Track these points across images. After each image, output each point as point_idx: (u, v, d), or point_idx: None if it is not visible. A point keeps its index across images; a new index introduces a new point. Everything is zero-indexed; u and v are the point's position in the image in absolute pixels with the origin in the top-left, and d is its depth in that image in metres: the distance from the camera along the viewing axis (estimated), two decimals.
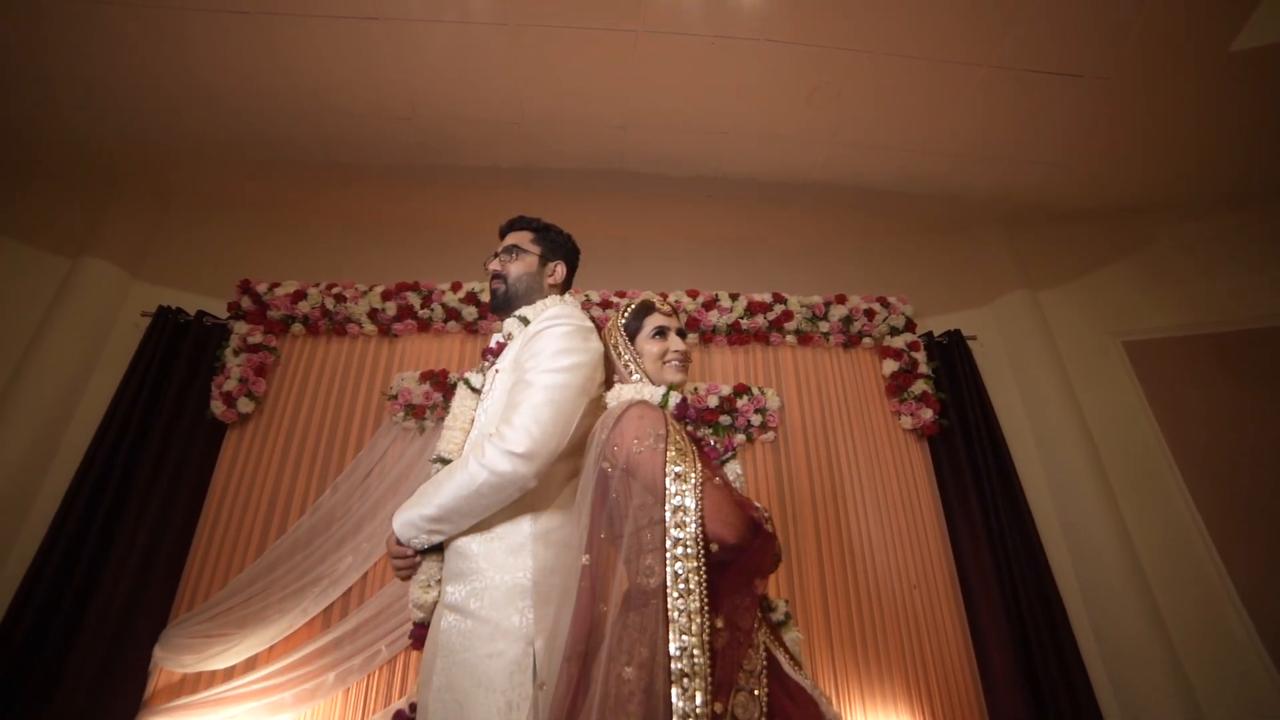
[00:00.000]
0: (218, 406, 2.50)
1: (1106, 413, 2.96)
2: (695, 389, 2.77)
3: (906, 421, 2.82)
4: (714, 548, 0.99)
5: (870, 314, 2.99)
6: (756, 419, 2.74)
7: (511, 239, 1.51)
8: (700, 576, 0.95)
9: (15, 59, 2.34)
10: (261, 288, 2.71)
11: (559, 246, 1.53)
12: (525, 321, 1.36)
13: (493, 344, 1.43)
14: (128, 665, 2.20)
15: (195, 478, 2.46)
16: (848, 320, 2.99)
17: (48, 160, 2.86)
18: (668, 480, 1.03)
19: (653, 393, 1.23)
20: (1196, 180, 3.17)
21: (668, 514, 1.00)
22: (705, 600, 0.94)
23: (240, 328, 2.63)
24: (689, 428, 1.22)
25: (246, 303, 2.69)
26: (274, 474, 2.47)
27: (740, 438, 2.73)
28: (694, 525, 0.98)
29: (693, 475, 1.03)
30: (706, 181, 3.22)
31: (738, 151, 3.00)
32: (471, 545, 1.17)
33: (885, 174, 3.10)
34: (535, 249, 1.49)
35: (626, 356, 1.33)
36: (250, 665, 2.19)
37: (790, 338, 2.99)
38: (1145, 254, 3.32)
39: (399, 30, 2.30)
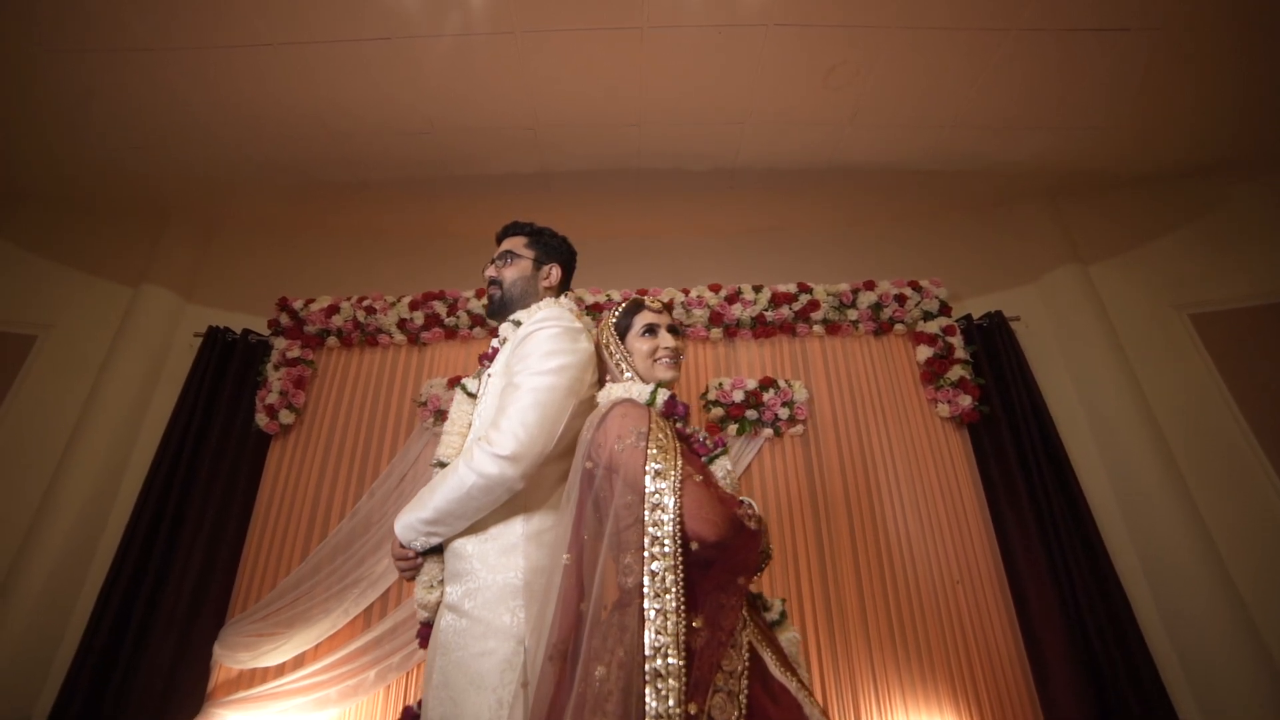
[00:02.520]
0: (261, 419, 2.65)
1: (1172, 392, 2.75)
2: (720, 384, 2.73)
3: (943, 409, 2.70)
4: (694, 546, 0.97)
5: (901, 299, 2.87)
6: (784, 412, 2.68)
7: (506, 245, 1.54)
8: (677, 575, 0.93)
9: (77, 110, 2.55)
10: (298, 304, 2.86)
11: (553, 249, 1.54)
12: (519, 325, 1.38)
13: (490, 349, 1.46)
14: (194, 661, 2.37)
15: (246, 487, 2.63)
16: (877, 307, 2.88)
17: (108, 198, 3.11)
18: (647, 478, 1.02)
19: (640, 391, 1.22)
20: (1270, 133, 2.88)
21: (646, 512, 0.99)
22: (682, 600, 0.92)
23: (280, 343, 2.79)
24: (678, 424, 1.20)
25: (285, 319, 2.85)
26: (315, 481, 2.61)
27: (768, 432, 2.68)
28: (671, 523, 0.97)
29: (672, 473, 1.01)
30: (726, 173, 3.17)
31: (756, 141, 2.94)
32: (467, 546, 1.20)
33: (913, 152, 2.97)
34: (529, 253, 1.51)
35: (618, 355, 1.33)
36: (299, 663, 2.32)
37: (817, 328, 2.91)
38: (1212, 218, 3.06)
39: (410, 48, 2.37)
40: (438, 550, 1.26)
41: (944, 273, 3.07)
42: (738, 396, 2.69)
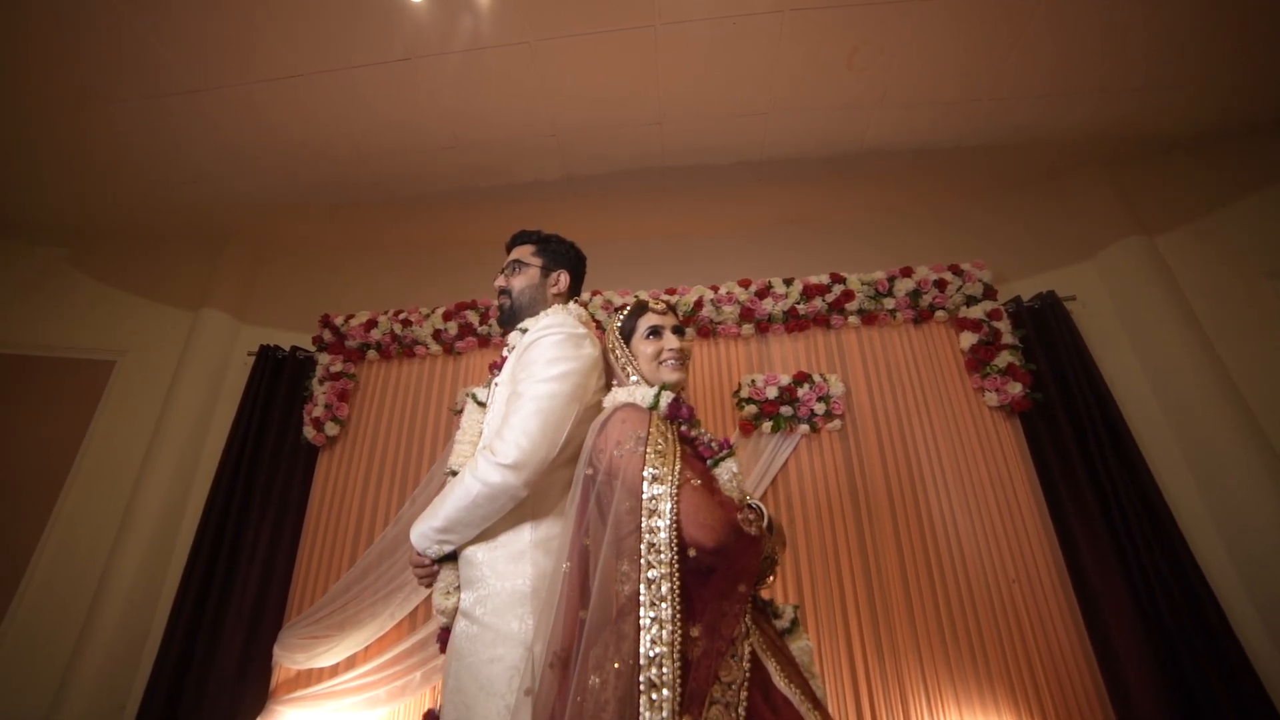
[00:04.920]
0: (309, 431, 2.79)
1: (1264, 369, 2.51)
2: (753, 381, 2.68)
3: (991, 398, 2.55)
4: (692, 553, 0.95)
5: (942, 284, 2.73)
6: (820, 407, 2.60)
7: (515, 254, 1.55)
8: (673, 583, 0.92)
9: (138, 151, 2.75)
10: (339, 320, 2.99)
11: (560, 256, 1.54)
12: (526, 333, 1.39)
13: (500, 358, 1.47)
14: (259, 660, 2.51)
15: (299, 497, 2.77)
16: (916, 294, 2.76)
17: (170, 230, 3.34)
18: (644, 483, 1.00)
19: (644, 394, 1.20)
20: None
21: (643, 519, 0.97)
22: (678, 608, 0.90)
23: (323, 358, 2.92)
24: (683, 427, 1.18)
25: (328, 335, 2.98)
26: (360, 490, 2.72)
27: (804, 428, 2.61)
28: (666, 530, 0.95)
29: (670, 477, 1.00)
30: (753, 166, 3.11)
31: (780, 130, 2.87)
32: (478, 554, 1.22)
33: (948, 130, 2.83)
34: (537, 261, 1.52)
35: (623, 359, 1.32)
36: (351, 664, 2.42)
37: (853, 318, 2.80)
38: None
39: (428, 67, 2.43)
40: (454, 557, 1.28)
41: (990, 254, 2.91)
42: (771, 393, 2.63)
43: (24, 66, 2.36)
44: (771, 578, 1.09)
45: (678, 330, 1.33)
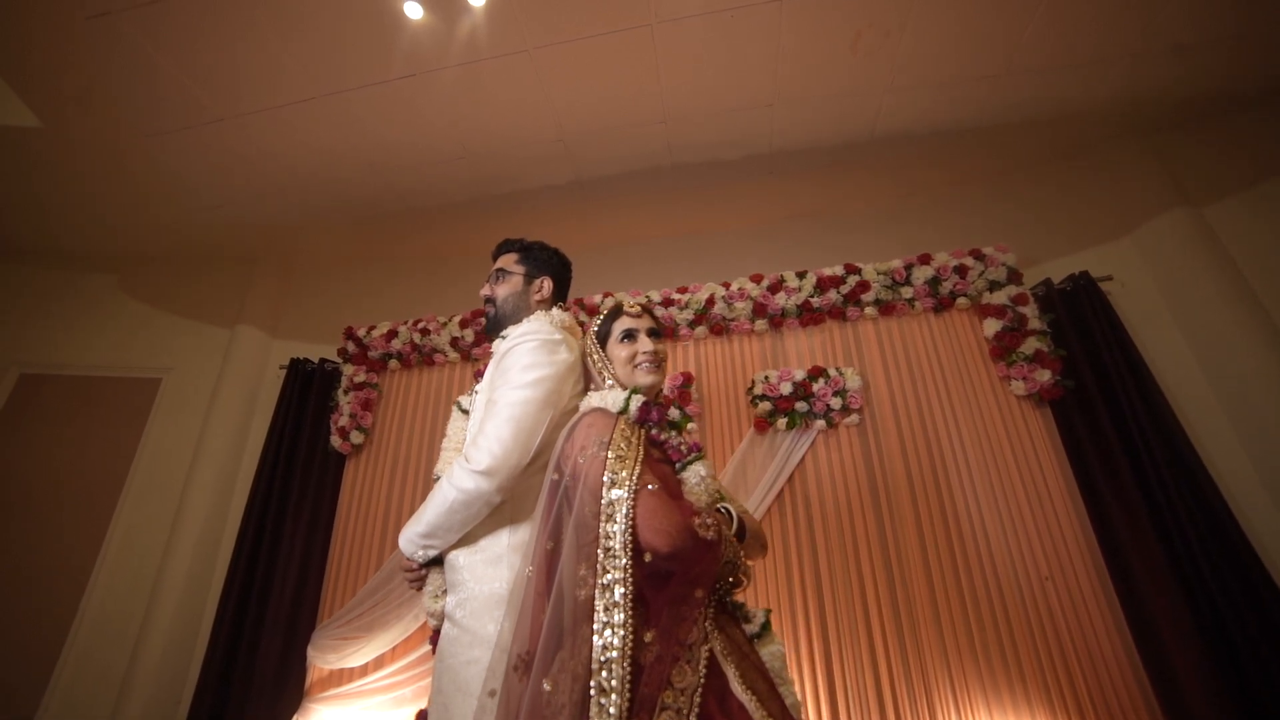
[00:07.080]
0: (335, 440, 2.90)
1: None
2: (766, 377, 2.63)
3: (1018, 387, 2.43)
4: (647, 557, 0.94)
5: (962, 270, 2.61)
6: (836, 402, 2.53)
7: (499, 263, 1.57)
8: (626, 587, 0.91)
9: (173, 180, 2.92)
10: (361, 331, 3.10)
11: (544, 263, 1.55)
12: (505, 340, 1.40)
13: (484, 366, 1.49)
14: (296, 661, 2.63)
15: (329, 504, 2.89)
16: (935, 282, 2.65)
17: (205, 253, 3.54)
18: (604, 488, 1.00)
19: (614, 399, 1.19)
20: None
21: (601, 523, 0.97)
22: (630, 612, 0.90)
23: (348, 369, 3.04)
24: (652, 430, 1.17)
25: (351, 347, 3.10)
26: (384, 496, 2.81)
27: (820, 424, 2.55)
28: (621, 535, 0.94)
29: (628, 482, 0.99)
30: (763, 159, 3.06)
31: (788, 121, 2.81)
32: (459, 558, 1.25)
33: (966, 109, 2.71)
34: (520, 269, 1.54)
35: (599, 363, 1.32)
36: (379, 664, 2.51)
37: (870, 310, 2.72)
38: None
39: (433, 80, 2.49)
40: (440, 561, 1.31)
41: (1017, 238, 2.77)
42: (785, 389, 2.58)
43: (69, 111, 2.54)
44: (744, 581, 1.07)
45: (653, 333, 1.32)
